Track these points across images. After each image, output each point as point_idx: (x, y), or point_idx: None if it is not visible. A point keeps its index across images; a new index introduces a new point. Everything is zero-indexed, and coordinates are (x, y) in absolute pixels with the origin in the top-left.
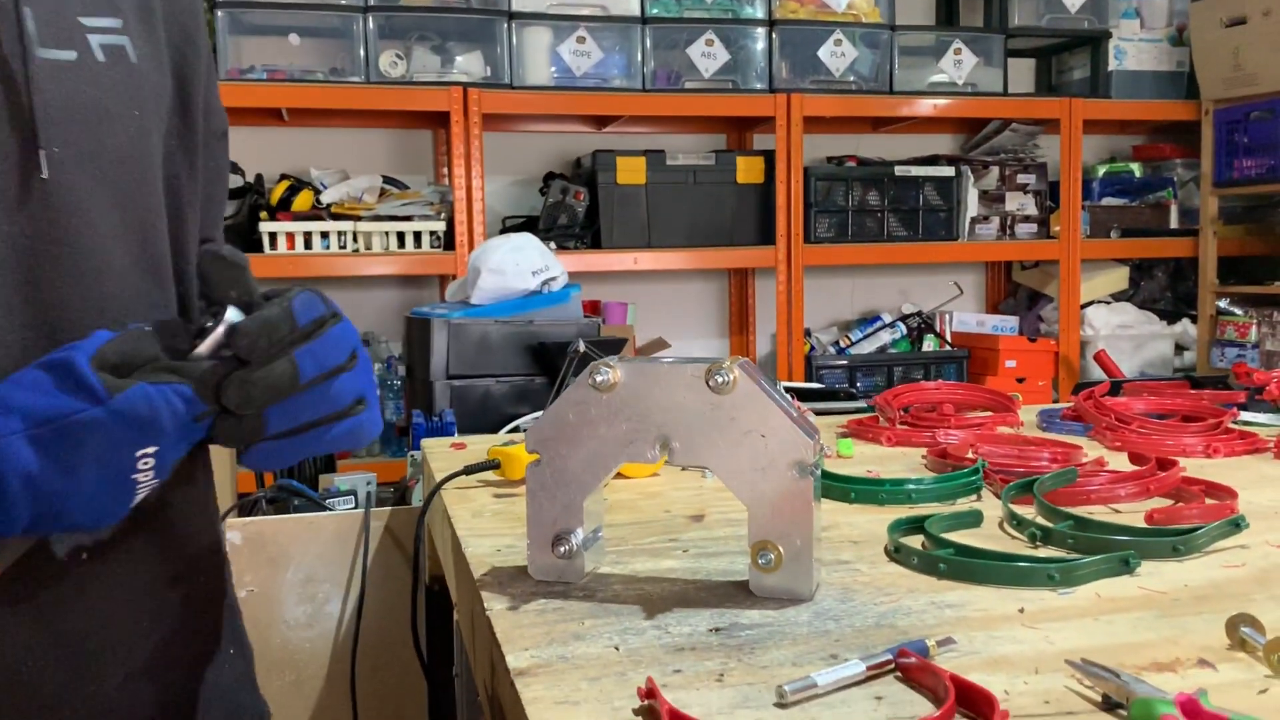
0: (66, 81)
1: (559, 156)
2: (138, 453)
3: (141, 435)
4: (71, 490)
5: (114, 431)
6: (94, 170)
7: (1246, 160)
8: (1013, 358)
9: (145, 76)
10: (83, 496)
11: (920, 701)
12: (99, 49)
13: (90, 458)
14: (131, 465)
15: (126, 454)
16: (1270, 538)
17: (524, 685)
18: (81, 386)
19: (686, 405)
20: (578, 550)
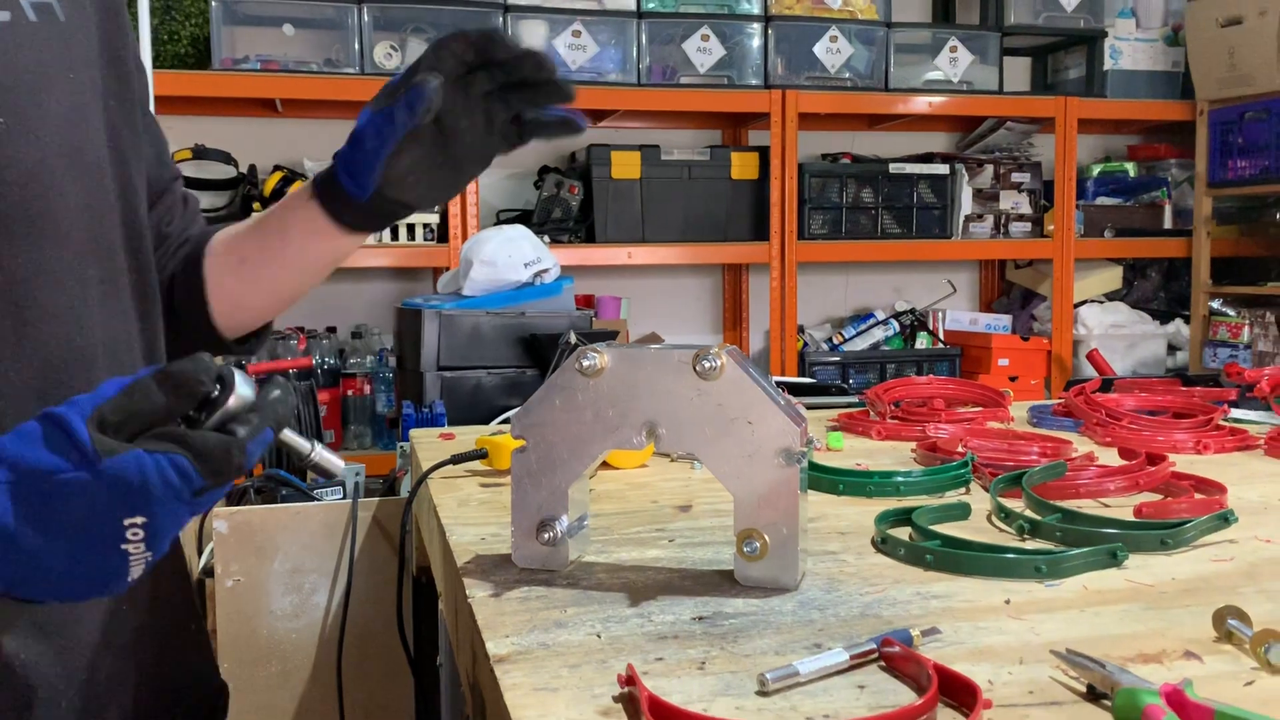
0: (5, 45)
1: (553, 150)
2: (125, 521)
3: (129, 504)
4: (49, 552)
5: (98, 496)
6: (36, 136)
7: (1241, 161)
8: (1005, 356)
9: (74, 35)
10: (62, 560)
11: (903, 690)
12: (29, 7)
13: (70, 520)
14: (119, 534)
15: (110, 521)
16: (1259, 533)
17: (503, 672)
18: (73, 445)
19: (674, 391)
20: (562, 537)
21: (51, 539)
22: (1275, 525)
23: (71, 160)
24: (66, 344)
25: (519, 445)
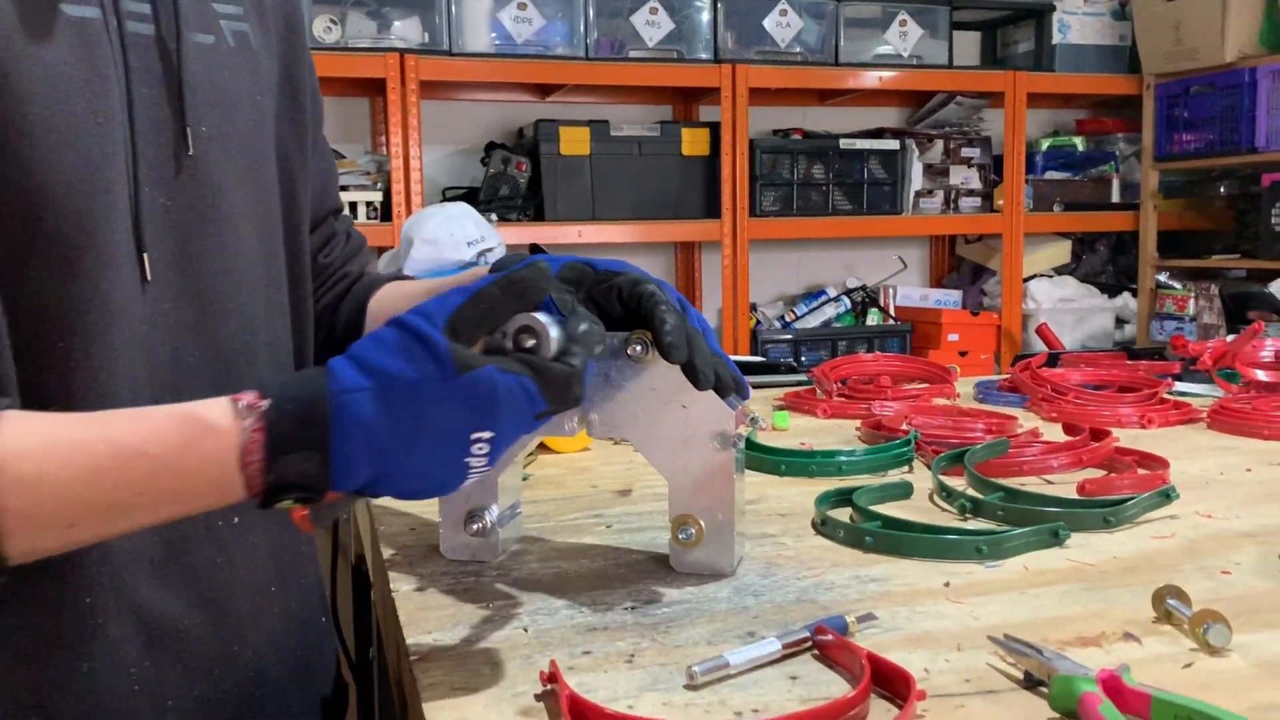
0: (206, 64)
1: (501, 126)
2: (473, 434)
3: (481, 417)
4: (406, 455)
5: (456, 408)
6: (226, 149)
7: (1186, 135)
8: (955, 331)
9: (261, 62)
10: (416, 464)
11: (836, 681)
12: (229, 34)
13: (429, 428)
14: (466, 445)
15: (463, 432)
16: (1200, 508)
17: (422, 671)
18: (432, 357)
19: (606, 376)
20: (492, 528)
21: (408, 444)
22: (1216, 500)
23: (250, 176)
24: (236, 337)
25: None
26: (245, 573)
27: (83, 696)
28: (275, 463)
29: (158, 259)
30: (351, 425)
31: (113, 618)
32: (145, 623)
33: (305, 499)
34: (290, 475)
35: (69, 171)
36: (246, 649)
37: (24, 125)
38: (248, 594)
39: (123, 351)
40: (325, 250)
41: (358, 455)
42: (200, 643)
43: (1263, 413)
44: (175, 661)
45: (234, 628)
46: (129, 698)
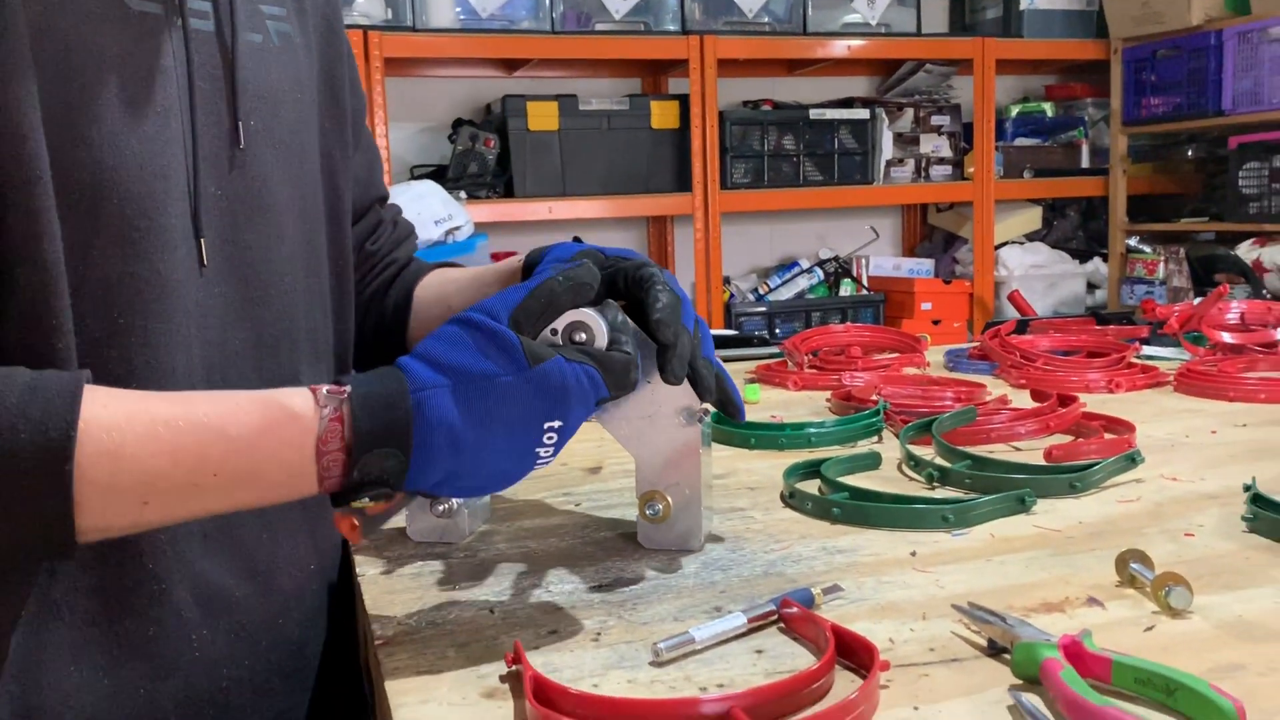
0: (256, 62)
1: (468, 102)
2: (545, 424)
3: (552, 407)
4: (483, 450)
5: (531, 400)
6: (272, 144)
7: (1154, 99)
8: (928, 300)
9: (302, 61)
10: (490, 458)
11: (802, 654)
12: (275, 34)
13: (505, 420)
14: (539, 435)
15: (536, 423)
16: (1165, 471)
17: (387, 655)
18: (504, 350)
19: None
20: (458, 509)
21: (487, 438)
22: (1182, 463)
23: (292, 170)
24: (278, 324)
25: None
26: (288, 548)
27: (150, 660)
28: (359, 459)
29: (212, 244)
30: (435, 421)
31: (173, 584)
32: (201, 591)
33: (380, 496)
34: (373, 471)
35: (132, 155)
36: (290, 622)
37: (92, 108)
38: (290, 569)
39: (179, 332)
40: (372, 238)
41: (439, 452)
42: (250, 614)
43: (1228, 375)
44: (229, 631)
45: (279, 601)
46: (191, 665)
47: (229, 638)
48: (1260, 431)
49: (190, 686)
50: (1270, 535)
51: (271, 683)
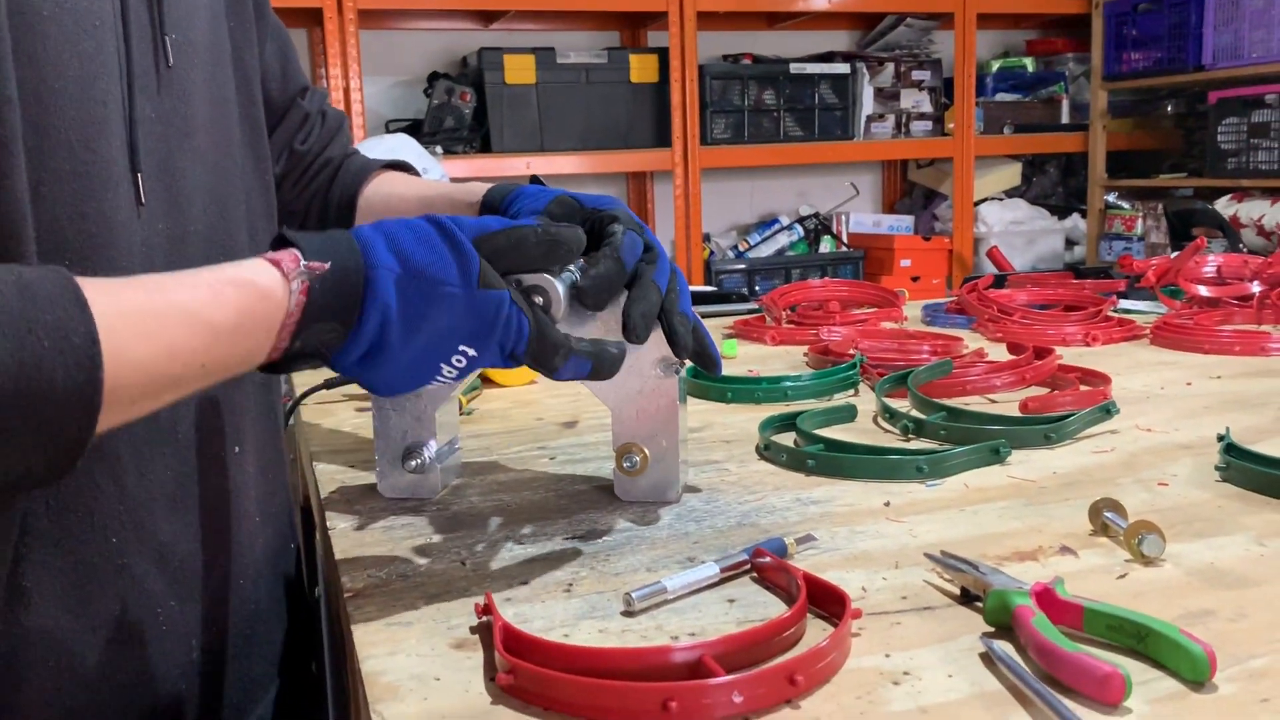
0: None
1: (444, 55)
2: (462, 346)
3: (475, 334)
4: (401, 346)
5: (462, 316)
6: (193, 57)
7: (1135, 53)
8: (908, 257)
9: None
10: (403, 356)
11: (774, 603)
12: None
13: (432, 326)
14: (450, 355)
15: (456, 340)
16: (1140, 422)
17: (356, 607)
18: (464, 265)
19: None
20: (431, 464)
21: (409, 334)
22: (1156, 414)
23: (210, 85)
24: (216, 256)
25: None
26: (243, 502)
27: (123, 643)
28: (305, 329)
29: (149, 178)
30: (376, 302)
31: (135, 556)
32: (165, 560)
33: (309, 367)
34: (313, 343)
35: (73, 77)
36: (246, 579)
37: (35, 22)
38: (243, 523)
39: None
40: (300, 137)
41: (369, 333)
42: (212, 576)
43: (1204, 328)
44: (193, 599)
45: (236, 558)
46: (160, 639)
47: (195, 606)
48: (1234, 383)
49: (161, 662)
50: (1242, 484)
51: (238, 647)
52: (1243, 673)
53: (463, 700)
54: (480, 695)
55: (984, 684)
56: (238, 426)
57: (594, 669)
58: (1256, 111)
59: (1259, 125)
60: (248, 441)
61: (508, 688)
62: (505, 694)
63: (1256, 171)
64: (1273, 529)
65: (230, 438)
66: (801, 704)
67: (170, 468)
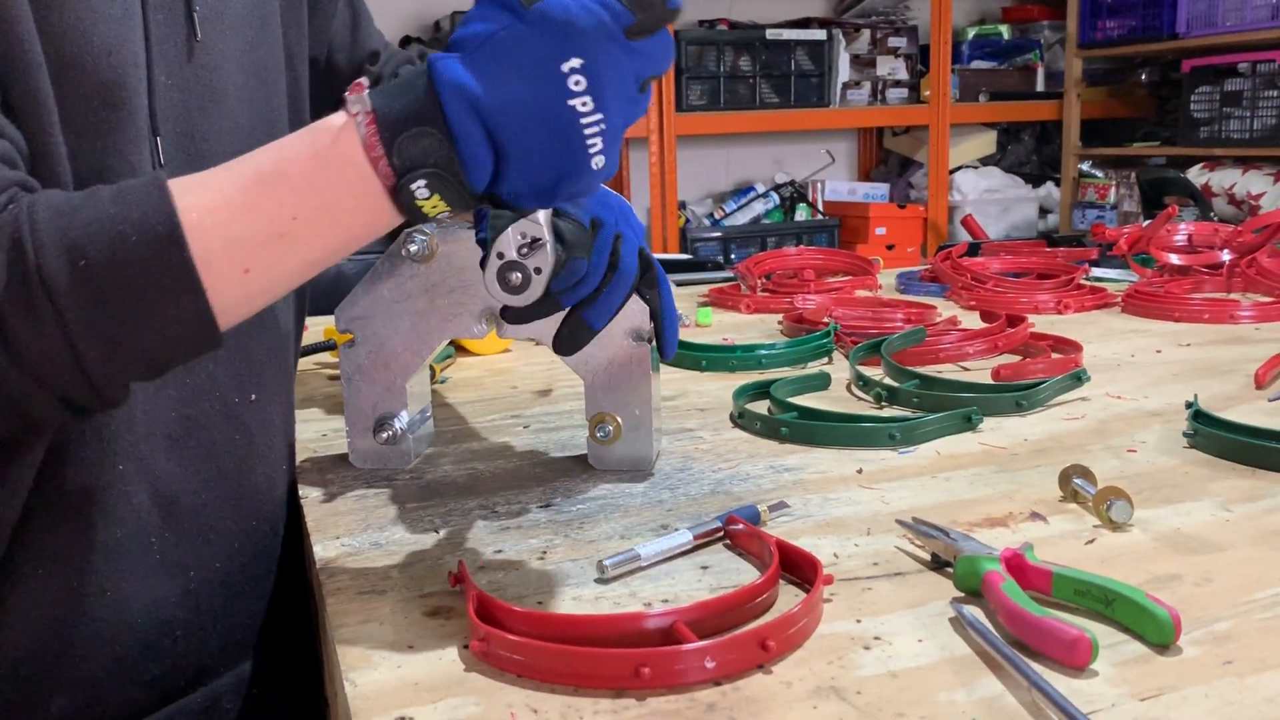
0: None
1: (416, 19)
2: (563, 65)
3: (561, 45)
4: (510, 108)
5: (534, 41)
6: (225, 30)
7: (1109, 21)
8: (883, 225)
9: None
10: (525, 118)
11: (747, 569)
12: None
13: (515, 69)
14: (562, 82)
15: (552, 66)
16: (1111, 389)
17: (328, 576)
18: (504, 7)
19: None
20: (402, 434)
21: (507, 89)
22: (1126, 381)
23: (247, 56)
24: None
25: (347, 340)
26: (263, 449)
27: (115, 564)
28: (394, 144)
29: (168, 143)
30: (448, 88)
31: (135, 486)
32: (161, 494)
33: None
34: (412, 152)
35: (100, 41)
36: (264, 524)
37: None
38: (263, 470)
39: None
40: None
41: (466, 120)
42: (220, 517)
43: (1175, 296)
44: (196, 534)
45: (253, 503)
46: (154, 568)
47: (196, 541)
48: (1203, 351)
49: (155, 589)
50: (1210, 451)
51: (245, 584)
52: (1207, 636)
53: (436, 668)
54: (454, 663)
55: (954, 649)
56: (253, 375)
57: (567, 636)
58: (1229, 80)
59: (1231, 94)
60: (268, 390)
61: (481, 655)
62: (479, 661)
63: (1228, 140)
64: (1238, 495)
65: (245, 385)
66: (773, 669)
67: (174, 408)
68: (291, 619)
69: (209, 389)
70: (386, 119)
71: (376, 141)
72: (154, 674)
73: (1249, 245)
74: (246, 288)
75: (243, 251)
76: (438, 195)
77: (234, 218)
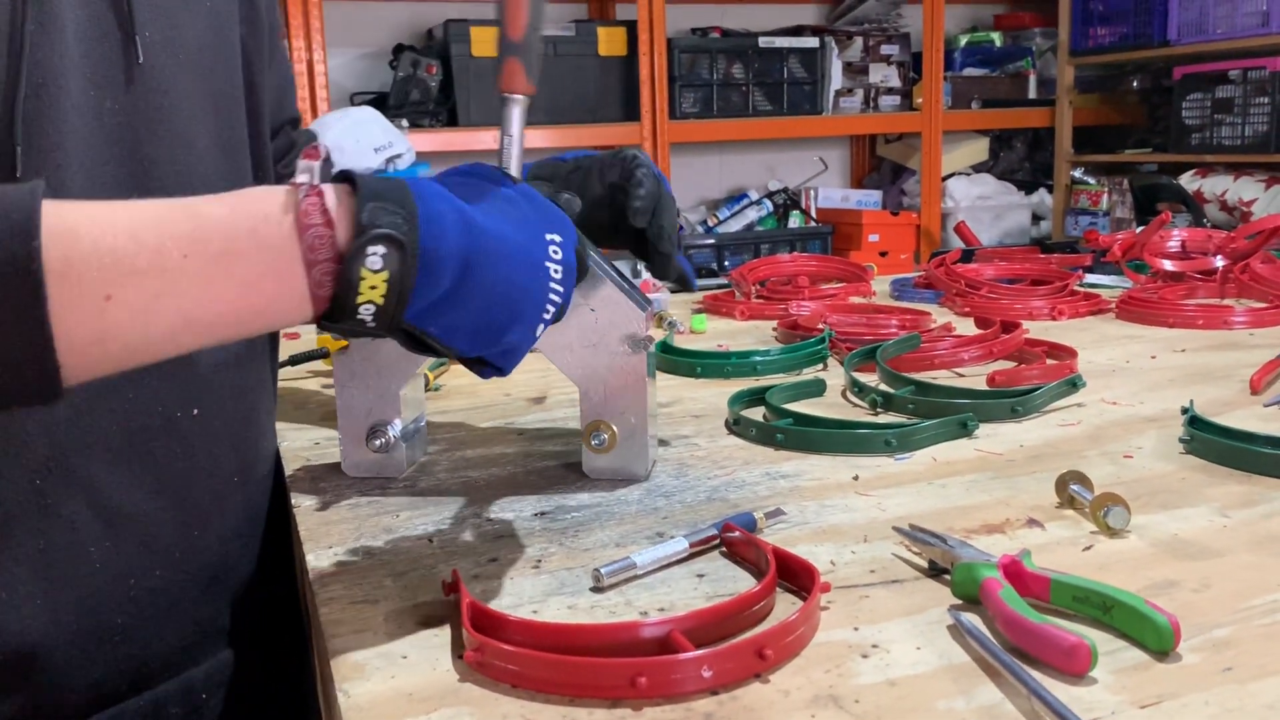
0: None
1: (409, 27)
2: (546, 234)
3: (547, 220)
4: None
5: (524, 205)
6: (178, 55)
7: (1101, 28)
8: (875, 232)
9: None
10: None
11: (743, 577)
12: None
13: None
14: (544, 246)
15: (538, 228)
16: (1106, 395)
17: (321, 586)
18: (495, 180)
19: None
20: (396, 442)
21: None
22: (1121, 387)
23: (203, 83)
24: None
25: (341, 346)
26: (206, 463)
27: (44, 572)
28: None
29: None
30: (432, 192)
31: (63, 499)
32: (102, 505)
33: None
34: (381, 220)
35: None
36: (209, 535)
37: None
38: (208, 483)
39: None
40: (284, 161)
41: (442, 210)
42: (161, 526)
43: (1169, 301)
44: (136, 543)
45: (195, 515)
46: (91, 576)
47: (137, 549)
48: (1198, 357)
49: (92, 597)
50: (1206, 456)
51: (189, 592)
52: (1206, 643)
53: (430, 678)
54: (448, 673)
55: (952, 656)
56: (197, 389)
57: (562, 645)
58: (1220, 87)
59: (1222, 101)
60: (213, 405)
61: (476, 665)
62: (473, 671)
63: (1220, 147)
64: (1236, 500)
65: (184, 400)
66: (771, 678)
67: (115, 420)
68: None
69: (151, 403)
70: (357, 191)
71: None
72: (93, 677)
73: (1242, 251)
74: (103, 322)
75: (112, 270)
76: (386, 275)
77: (112, 231)
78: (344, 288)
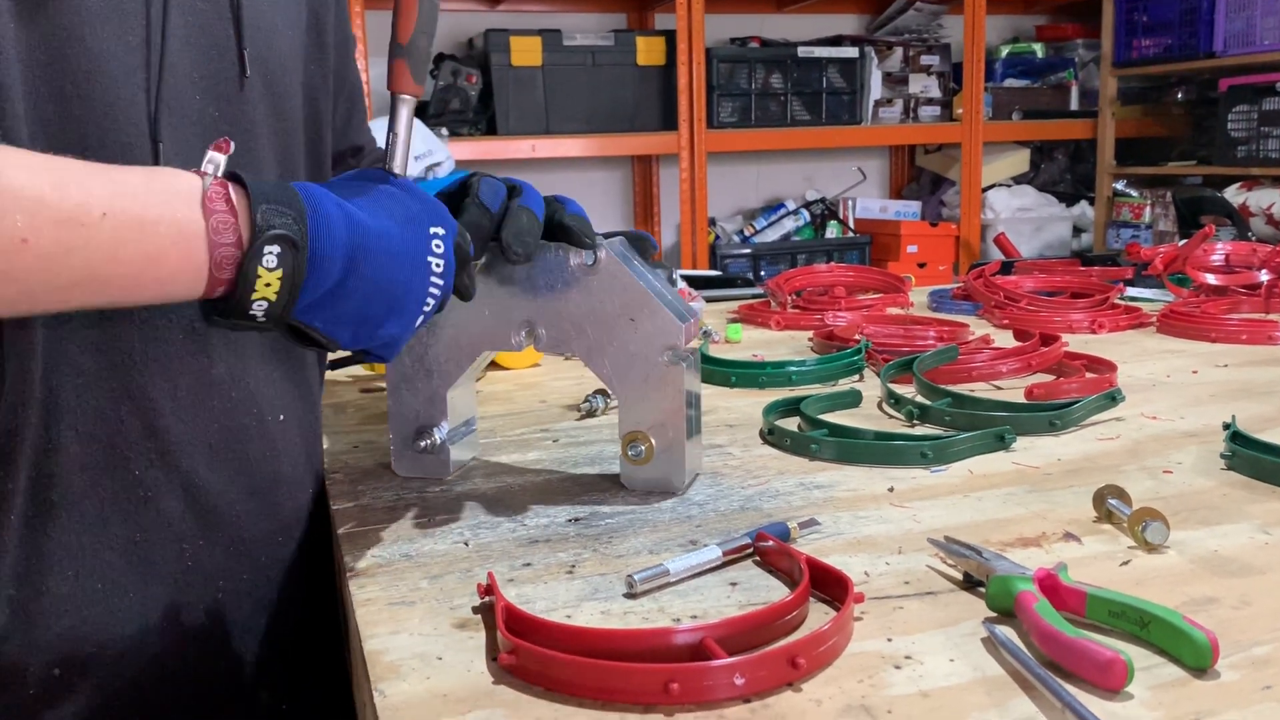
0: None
1: (450, 37)
2: (430, 229)
3: (431, 215)
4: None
5: (407, 199)
6: (264, 75)
7: (1145, 40)
8: (914, 243)
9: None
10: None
11: (777, 586)
12: None
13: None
14: (426, 240)
15: (421, 223)
16: (1145, 409)
17: (358, 586)
18: (380, 180)
19: (552, 289)
20: (442, 444)
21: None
22: (1161, 402)
23: (277, 107)
24: None
25: None
26: (289, 470)
27: (140, 566)
28: (257, 208)
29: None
30: (318, 192)
31: (162, 493)
32: (198, 501)
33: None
34: (274, 220)
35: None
36: (291, 542)
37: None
38: (290, 489)
39: None
40: None
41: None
42: (250, 529)
43: (1211, 316)
44: (228, 544)
45: (280, 521)
46: (184, 572)
47: (229, 551)
48: (1241, 372)
49: (183, 594)
50: (1248, 472)
51: (270, 596)
52: (1245, 660)
53: (465, 680)
54: (482, 675)
55: (986, 669)
56: (279, 396)
57: (596, 650)
58: (1267, 99)
59: (1270, 113)
60: (292, 412)
61: (510, 668)
62: (507, 674)
63: (1266, 160)
64: (1277, 517)
65: (272, 406)
66: (803, 687)
67: (216, 419)
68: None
69: (249, 404)
70: (250, 191)
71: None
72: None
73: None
74: (11, 263)
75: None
76: (280, 273)
77: (34, 173)
78: (241, 285)
